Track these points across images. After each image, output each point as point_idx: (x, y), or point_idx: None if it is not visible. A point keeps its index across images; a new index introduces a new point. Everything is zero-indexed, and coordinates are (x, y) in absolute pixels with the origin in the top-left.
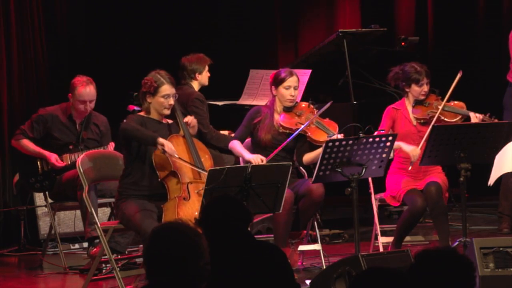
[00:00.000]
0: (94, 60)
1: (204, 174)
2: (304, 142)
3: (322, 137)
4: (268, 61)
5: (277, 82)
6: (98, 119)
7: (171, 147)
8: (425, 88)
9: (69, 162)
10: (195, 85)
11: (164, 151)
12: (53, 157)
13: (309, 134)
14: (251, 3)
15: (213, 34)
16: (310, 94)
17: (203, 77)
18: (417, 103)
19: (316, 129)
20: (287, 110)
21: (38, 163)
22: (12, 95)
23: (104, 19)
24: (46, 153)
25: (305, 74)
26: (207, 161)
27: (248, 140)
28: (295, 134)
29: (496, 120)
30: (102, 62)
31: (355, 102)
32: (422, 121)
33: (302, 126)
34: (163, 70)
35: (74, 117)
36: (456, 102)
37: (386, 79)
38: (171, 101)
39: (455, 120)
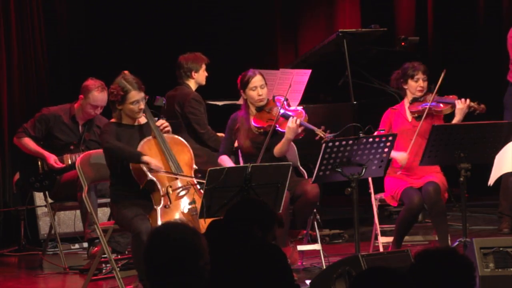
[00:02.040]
0: (94, 60)
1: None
2: (279, 137)
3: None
4: (268, 61)
5: (243, 85)
6: (101, 121)
7: (156, 163)
8: (421, 83)
9: (70, 163)
10: (192, 84)
11: (150, 169)
12: (52, 158)
13: (278, 129)
14: (251, 3)
15: (213, 34)
16: (310, 94)
17: (200, 76)
18: (414, 100)
19: (284, 121)
20: (259, 109)
21: (39, 162)
22: (12, 95)
23: (104, 19)
24: (46, 153)
25: (305, 74)
26: (185, 154)
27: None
28: (269, 135)
29: (482, 106)
30: (102, 62)
31: (355, 102)
32: (416, 114)
33: (274, 124)
34: (128, 73)
35: (78, 119)
36: (449, 96)
37: (387, 79)
38: (141, 105)
39: (445, 108)
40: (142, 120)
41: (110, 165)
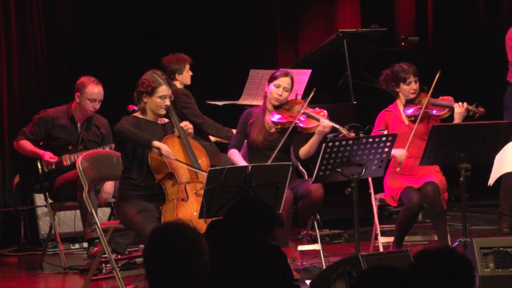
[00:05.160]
0: (94, 60)
1: (201, 174)
2: (299, 137)
3: (312, 123)
4: (268, 61)
5: (270, 78)
6: (99, 120)
7: (167, 149)
8: (414, 86)
9: (69, 163)
10: (177, 85)
11: (160, 154)
12: (47, 155)
13: (300, 124)
14: (251, 3)
15: (213, 34)
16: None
17: (184, 77)
18: (408, 102)
19: (306, 118)
20: (277, 107)
21: (38, 164)
22: (12, 95)
23: (104, 19)
24: (40, 151)
25: (305, 74)
26: (203, 161)
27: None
28: (288, 131)
29: (481, 109)
30: (102, 62)
31: (355, 102)
32: (413, 118)
33: (295, 120)
34: (159, 70)
35: (76, 119)
36: (444, 97)
37: (379, 81)
38: (167, 102)
39: (442, 113)
40: (163, 120)
41: (125, 156)
